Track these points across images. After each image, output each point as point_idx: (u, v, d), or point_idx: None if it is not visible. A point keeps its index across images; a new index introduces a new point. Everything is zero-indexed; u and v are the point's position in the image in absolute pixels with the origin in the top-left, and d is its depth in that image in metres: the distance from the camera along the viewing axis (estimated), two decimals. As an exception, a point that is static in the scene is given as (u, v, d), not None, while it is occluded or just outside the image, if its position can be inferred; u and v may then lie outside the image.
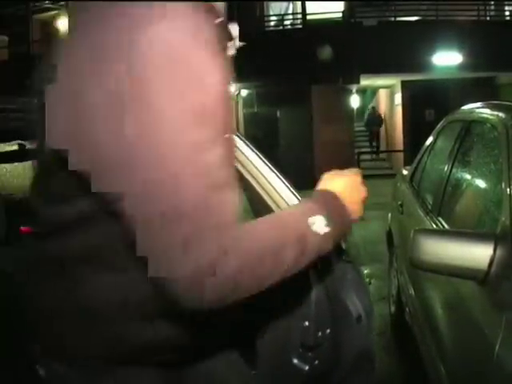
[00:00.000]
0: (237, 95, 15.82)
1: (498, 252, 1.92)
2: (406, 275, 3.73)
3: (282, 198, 1.86)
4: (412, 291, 3.47)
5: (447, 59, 13.31)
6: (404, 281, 3.89)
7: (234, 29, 1.22)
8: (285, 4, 18.14)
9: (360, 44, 13.27)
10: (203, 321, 1.06)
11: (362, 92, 24.46)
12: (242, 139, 1.97)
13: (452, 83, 14.72)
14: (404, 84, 15.94)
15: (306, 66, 13.67)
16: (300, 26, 15.74)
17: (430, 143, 4.25)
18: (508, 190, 2.09)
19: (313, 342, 1.56)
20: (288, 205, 1.77)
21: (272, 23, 17.87)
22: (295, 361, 1.55)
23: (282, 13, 18.02)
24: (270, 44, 13.96)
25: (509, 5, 16.33)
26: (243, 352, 1.45)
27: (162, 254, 0.90)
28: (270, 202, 1.86)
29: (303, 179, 14.18)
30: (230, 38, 1.18)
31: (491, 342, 1.74)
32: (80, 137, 0.97)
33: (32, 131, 1.19)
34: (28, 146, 2.40)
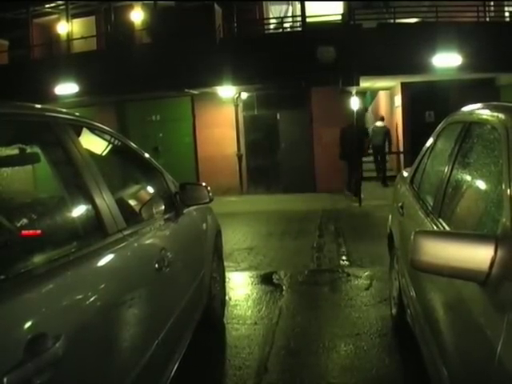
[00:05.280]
0: (237, 98, 15.82)
1: (499, 253, 1.91)
2: (407, 277, 3.73)
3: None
4: (413, 293, 3.46)
5: (447, 61, 13.30)
6: (405, 282, 3.88)
7: None
8: (284, 7, 18.16)
9: (360, 46, 13.27)
10: None
11: (362, 94, 24.42)
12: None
13: (452, 85, 14.72)
14: (404, 86, 15.93)
15: (305, 69, 13.69)
16: (300, 29, 15.75)
17: (430, 145, 4.24)
18: (508, 190, 2.08)
19: None
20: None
21: (272, 26, 17.89)
22: None
23: (282, 15, 18.03)
24: (269, 47, 13.98)
25: (508, 5, 16.34)
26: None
27: None
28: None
29: (304, 181, 14.27)
30: None
31: (493, 343, 1.73)
32: None
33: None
34: (29, 149, 2.40)
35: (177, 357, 3.36)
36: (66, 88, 14.70)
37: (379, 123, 16.99)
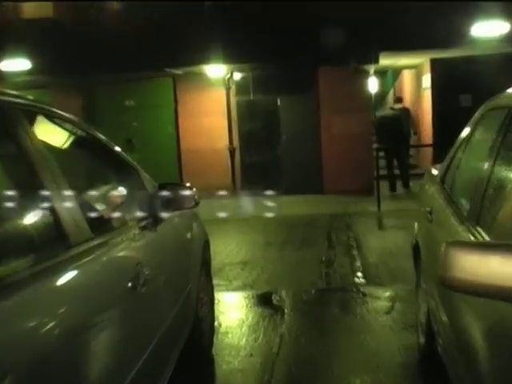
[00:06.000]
0: (228, 79, 15.82)
1: (553, 269, 1.90)
2: (438, 298, 3.72)
3: None
4: (445, 318, 3.45)
5: (490, 30, 13.07)
6: (435, 305, 3.88)
7: None
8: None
9: (378, 15, 13.24)
10: None
11: (382, 74, 24.48)
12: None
13: (495, 60, 14.65)
14: (434, 62, 15.93)
15: (312, 44, 13.66)
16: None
17: (467, 136, 4.24)
18: None
19: None
20: None
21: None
22: None
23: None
24: (268, 16, 13.94)
25: None
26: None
27: None
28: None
29: (309, 180, 14.33)
30: None
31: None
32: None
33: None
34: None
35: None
36: (15, 64, 14.57)
37: (397, 105, 16.61)
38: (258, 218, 12.35)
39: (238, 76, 15.94)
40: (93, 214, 3.11)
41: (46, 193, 2.53)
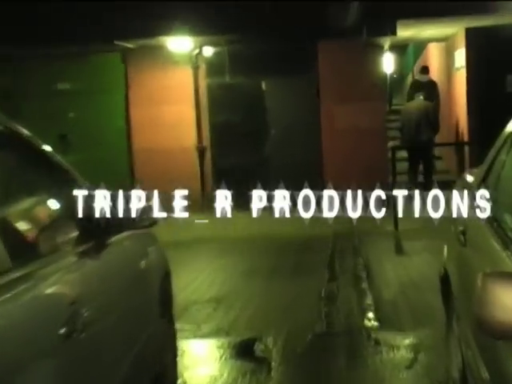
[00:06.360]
0: (196, 55, 15.82)
1: None
2: (475, 346, 3.72)
3: None
4: (486, 373, 3.45)
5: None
6: (472, 356, 3.88)
7: None
8: None
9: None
10: None
11: (400, 49, 24.61)
12: None
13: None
14: (470, 34, 15.95)
15: (309, 11, 13.69)
16: None
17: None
18: None
19: None
20: None
21: None
22: None
23: None
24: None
25: None
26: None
27: None
28: None
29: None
30: None
31: None
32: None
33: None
34: None
35: None
36: None
37: (422, 76, 17.47)
38: (236, 238, 12.36)
39: (209, 51, 15.95)
40: (12, 237, 3.09)
41: None
